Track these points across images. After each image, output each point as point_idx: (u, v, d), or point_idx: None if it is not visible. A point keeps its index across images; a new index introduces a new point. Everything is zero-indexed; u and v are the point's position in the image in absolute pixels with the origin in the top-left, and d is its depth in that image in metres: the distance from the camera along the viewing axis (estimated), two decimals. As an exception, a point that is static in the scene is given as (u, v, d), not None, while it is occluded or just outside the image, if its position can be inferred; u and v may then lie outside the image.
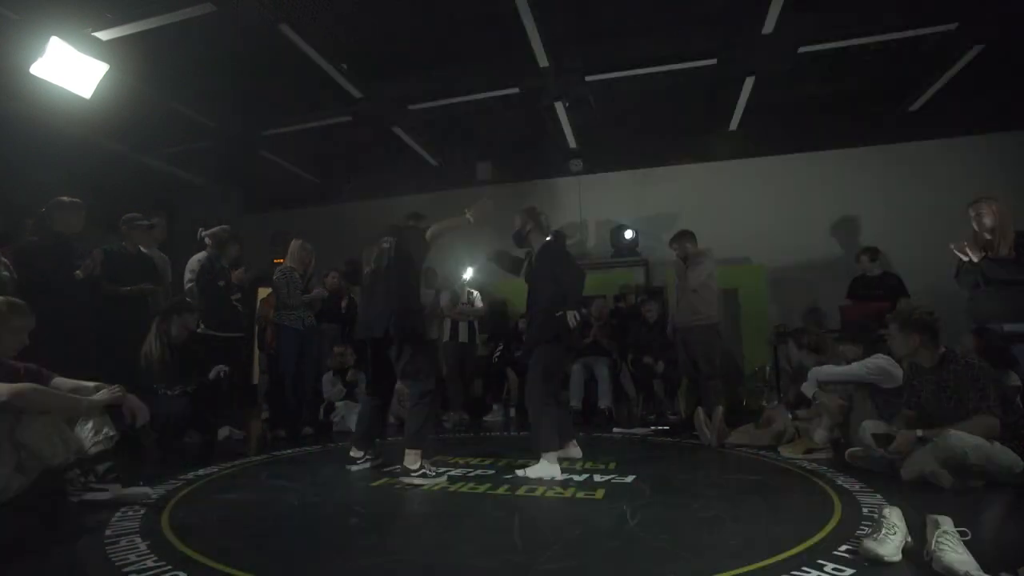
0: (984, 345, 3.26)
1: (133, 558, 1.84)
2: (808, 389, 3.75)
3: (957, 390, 2.77)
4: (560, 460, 3.19)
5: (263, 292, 5.75)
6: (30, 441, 2.25)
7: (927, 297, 4.23)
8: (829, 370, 3.64)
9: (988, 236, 3.50)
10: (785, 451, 3.63)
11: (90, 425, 2.57)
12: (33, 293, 3.26)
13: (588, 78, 5.26)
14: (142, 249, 4.32)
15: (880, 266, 5.45)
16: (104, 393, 2.58)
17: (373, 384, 3.54)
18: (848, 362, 3.68)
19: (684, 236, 4.80)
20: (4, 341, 2.45)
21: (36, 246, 3.70)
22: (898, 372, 3.25)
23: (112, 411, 2.68)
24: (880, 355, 3.46)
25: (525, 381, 3.43)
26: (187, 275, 4.62)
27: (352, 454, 3.42)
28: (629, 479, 2.96)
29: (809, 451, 3.55)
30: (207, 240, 4.65)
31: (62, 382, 2.55)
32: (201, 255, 4.64)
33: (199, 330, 4.21)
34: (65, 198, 3.79)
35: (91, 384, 2.62)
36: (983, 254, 3.48)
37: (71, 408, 2.48)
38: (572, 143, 6.76)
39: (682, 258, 4.77)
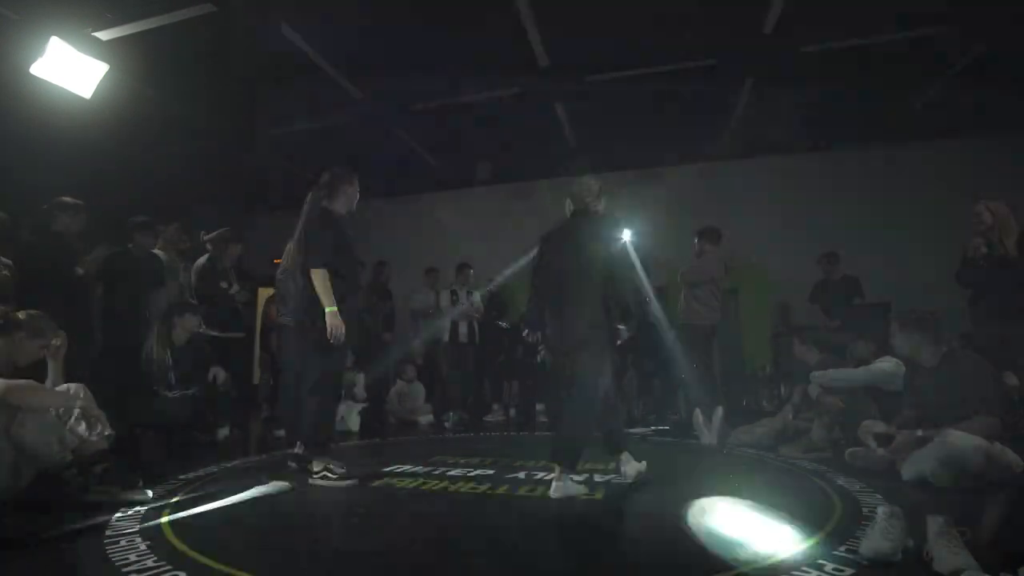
0: (971, 348, 3.25)
1: (133, 558, 1.84)
2: (812, 391, 3.75)
3: (958, 390, 2.76)
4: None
5: (265, 292, 5.76)
6: (27, 440, 2.26)
7: (926, 297, 4.23)
8: (833, 374, 3.64)
9: (988, 235, 3.50)
10: (785, 450, 3.63)
11: (84, 425, 2.57)
12: (32, 293, 3.27)
13: (588, 78, 5.26)
14: (153, 252, 4.32)
15: (842, 269, 5.50)
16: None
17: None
18: (857, 362, 3.68)
19: (701, 234, 4.67)
20: (30, 354, 2.51)
21: (34, 247, 3.70)
22: (902, 374, 3.25)
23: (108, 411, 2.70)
24: (887, 358, 3.46)
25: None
26: (192, 277, 4.65)
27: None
28: (629, 479, 2.96)
29: (809, 450, 3.55)
30: (207, 245, 4.67)
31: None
32: (204, 257, 4.67)
33: (200, 331, 4.21)
34: (68, 199, 3.79)
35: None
36: (985, 252, 3.48)
37: (64, 404, 2.49)
38: (572, 143, 6.77)
39: (696, 255, 4.72)
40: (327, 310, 2.91)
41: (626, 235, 6.79)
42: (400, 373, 5.96)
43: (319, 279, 2.94)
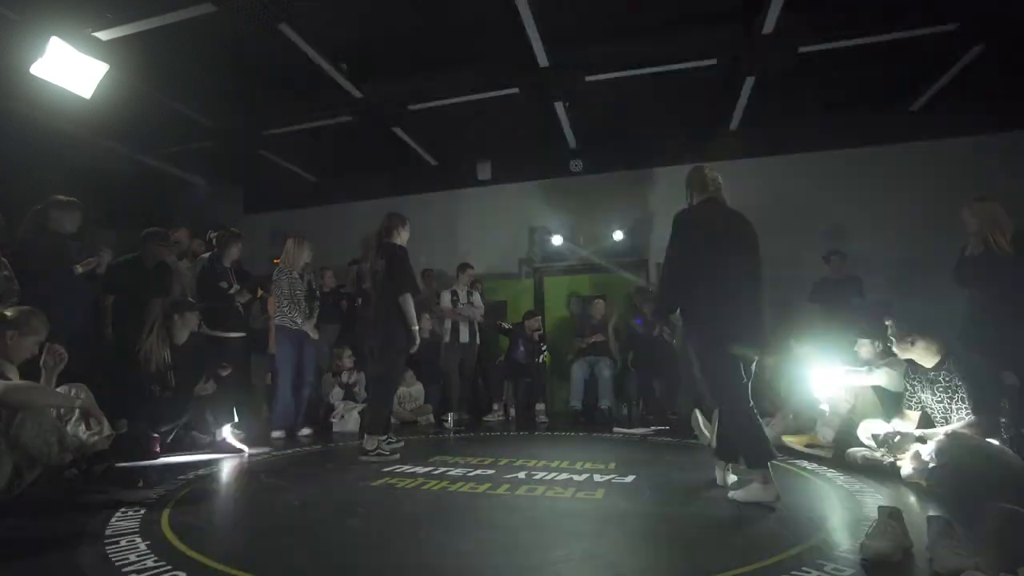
0: (970, 348, 3.25)
1: (133, 558, 1.84)
2: (814, 391, 3.75)
3: (958, 390, 2.76)
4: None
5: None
6: (26, 440, 2.26)
7: (927, 297, 4.22)
8: (835, 374, 3.64)
9: (983, 235, 3.50)
10: (787, 439, 3.63)
11: (84, 426, 2.57)
12: (32, 292, 3.27)
13: (588, 78, 5.26)
14: (163, 261, 4.34)
15: (844, 268, 5.53)
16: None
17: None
18: (861, 360, 3.68)
19: None
20: (24, 351, 2.52)
21: (31, 244, 3.70)
22: (903, 374, 3.25)
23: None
24: (892, 358, 3.46)
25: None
26: (192, 277, 4.67)
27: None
28: (629, 479, 2.96)
29: (810, 445, 3.55)
30: (214, 241, 4.68)
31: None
32: (205, 257, 4.68)
33: (200, 330, 4.21)
34: (62, 197, 3.80)
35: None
36: (982, 251, 3.47)
37: (65, 405, 2.49)
38: (572, 143, 6.77)
39: None
40: (413, 328, 3.67)
41: (618, 235, 6.83)
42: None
43: (408, 304, 3.65)
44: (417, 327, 3.72)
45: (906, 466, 2.75)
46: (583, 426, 5.21)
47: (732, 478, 2.79)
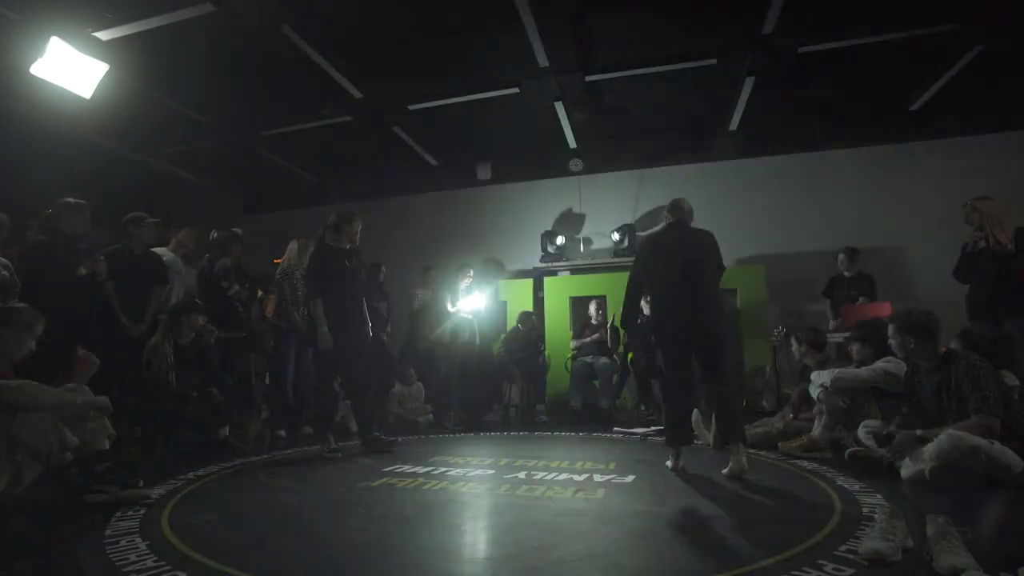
0: (970, 348, 3.25)
1: (133, 558, 1.84)
2: (813, 391, 3.74)
3: (958, 390, 2.76)
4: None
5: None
6: (26, 439, 2.26)
7: (926, 296, 4.22)
8: (835, 374, 3.64)
9: (979, 233, 3.51)
10: (784, 447, 3.63)
11: (83, 426, 2.57)
12: (39, 293, 3.27)
13: (588, 78, 5.26)
14: (152, 249, 4.33)
15: (857, 266, 5.49)
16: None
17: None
18: (858, 363, 3.68)
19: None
20: (21, 348, 2.51)
21: (42, 245, 3.71)
22: (903, 374, 3.24)
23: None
24: (888, 358, 3.46)
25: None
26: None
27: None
28: (629, 479, 2.96)
29: (809, 449, 3.55)
30: (215, 240, 4.70)
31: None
32: (204, 258, 4.69)
33: (204, 331, 4.21)
34: (71, 199, 3.81)
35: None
36: (983, 247, 3.48)
37: (66, 404, 2.49)
38: (572, 143, 6.77)
39: None
40: (321, 330, 3.80)
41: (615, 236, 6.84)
42: (400, 376, 5.96)
43: (313, 307, 3.88)
44: (325, 328, 3.79)
45: (906, 466, 2.75)
46: (583, 426, 5.20)
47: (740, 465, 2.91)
